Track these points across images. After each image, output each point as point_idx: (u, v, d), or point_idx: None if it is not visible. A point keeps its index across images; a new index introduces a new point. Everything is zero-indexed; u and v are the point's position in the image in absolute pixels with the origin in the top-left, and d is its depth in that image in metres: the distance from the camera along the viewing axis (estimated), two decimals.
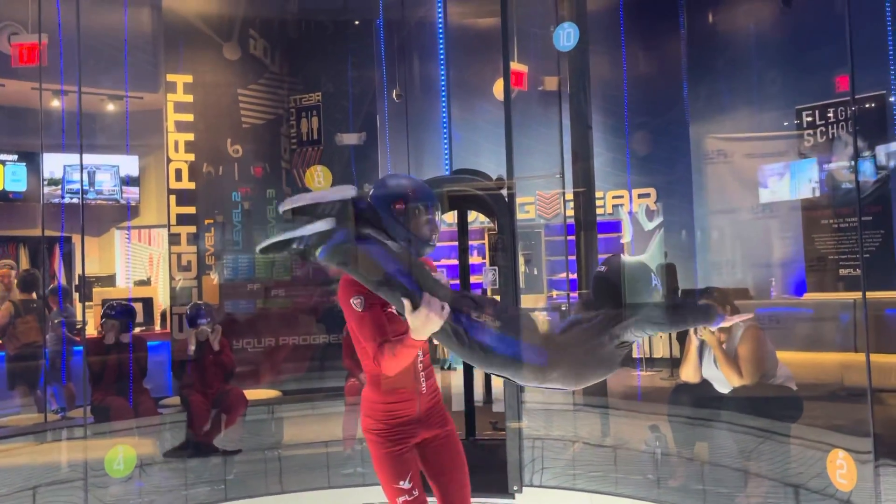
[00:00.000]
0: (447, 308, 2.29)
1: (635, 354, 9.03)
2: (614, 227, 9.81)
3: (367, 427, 2.61)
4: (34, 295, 6.78)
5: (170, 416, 5.37)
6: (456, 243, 6.23)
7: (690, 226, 9.14)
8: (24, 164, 8.93)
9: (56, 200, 8.76)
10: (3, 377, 6.21)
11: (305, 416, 5.62)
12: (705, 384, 4.33)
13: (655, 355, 8.93)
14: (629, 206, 9.57)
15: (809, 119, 8.08)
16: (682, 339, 5.50)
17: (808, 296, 7.78)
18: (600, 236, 7.14)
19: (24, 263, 9.00)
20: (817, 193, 8.00)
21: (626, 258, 2.68)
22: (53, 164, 8.82)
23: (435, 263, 2.91)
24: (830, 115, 7.91)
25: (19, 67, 6.39)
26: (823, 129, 7.97)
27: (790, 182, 8.26)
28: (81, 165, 5.39)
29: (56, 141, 8.10)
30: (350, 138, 8.45)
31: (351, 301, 2.46)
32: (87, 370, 5.26)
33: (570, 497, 4.50)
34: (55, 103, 7.57)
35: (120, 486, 4.16)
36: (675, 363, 7.85)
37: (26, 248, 9.18)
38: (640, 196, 9.65)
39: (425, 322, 2.26)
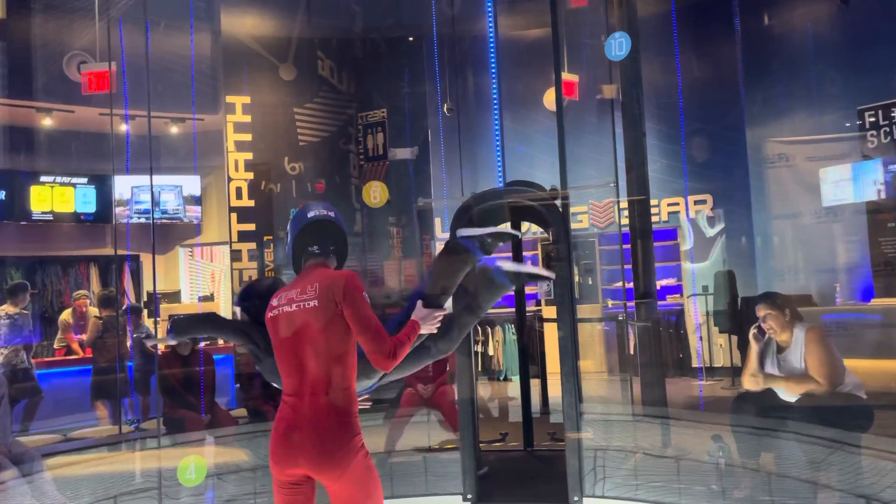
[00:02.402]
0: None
1: (695, 364, 8.88)
2: (670, 234, 9.68)
3: (363, 444, 2.51)
4: (113, 312, 7.15)
5: (240, 427, 5.53)
6: (510, 254, 6.25)
7: (749, 232, 8.96)
8: (94, 186, 9.33)
9: (123, 221, 9.12)
10: (87, 390, 6.54)
11: (370, 427, 5.69)
12: (769, 392, 4.25)
13: (716, 364, 8.76)
14: (686, 213, 9.44)
15: (872, 119, 7.86)
16: (744, 346, 5.40)
17: (876, 301, 7.53)
18: (656, 244, 7.07)
19: (95, 281, 9.39)
20: (883, 196, 7.77)
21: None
22: (121, 185, 9.19)
23: None
24: (894, 114, 7.68)
25: (79, 93, 6.72)
26: (887, 129, 7.74)
27: (854, 184, 8.04)
28: (152, 186, 5.63)
29: (122, 164, 8.47)
30: (403, 153, 8.59)
31: (364, 293, 2.53)
32: (158, 383, 5.47)
33: None
34: (122, 127, 7.90)
35: (192, 495, 4.31)
36: (736, 371, 7.70)
37: (97, 266, 9.58)
38: (696, 203, 9.51)
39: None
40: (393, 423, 5.33)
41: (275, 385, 2.95)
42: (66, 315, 7.72)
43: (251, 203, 8.35)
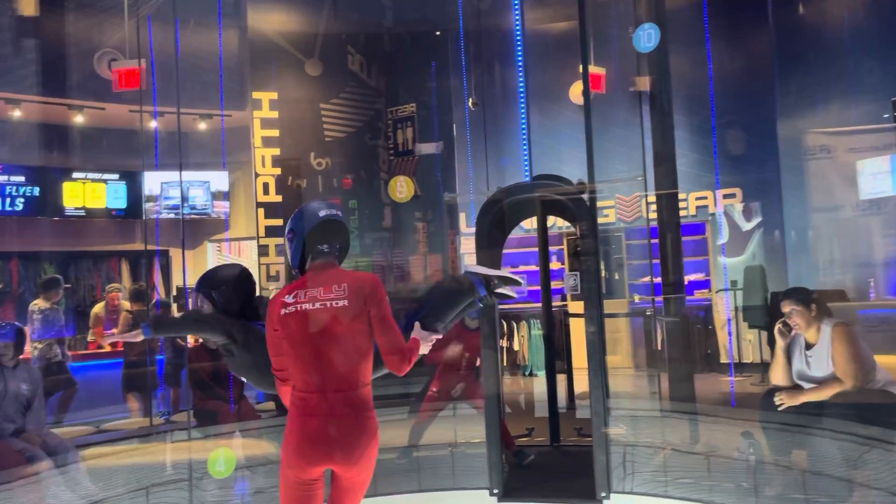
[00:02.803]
0: None
1: (724, 359, 8.78)
2: (698, 228, 9.57)
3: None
4: (144, 306, 7.26)
5: (266, 420, 5.58)
6: (536, 249, 6.23)
7: (781, 225, 8.82)
8: (124, 182, 9.46)
9: (153, 216, 9.24)
10: (119, 382, 6.65)
11: (395, 421, 5.71)
12: (798, 388, 4.18)
13: (745, 360, 8.66)
14: (717, 207, 9.31)
15: None
16: (774, 342, 5.33)
17: None
18: (684, 238, 6.99)
19: (126, 276, 9.53)
20: None
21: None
22: (151, 181, 9.32)
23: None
24: None
25: (110, 90, 6.80)
26: None
27: (892, 177, 7.86)
28: (181, 182, 5.70)
29: (152, 160, 8.57)
30: (428, 147, 8.59)
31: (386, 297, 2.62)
32: (188, 376, 5.53)
33: None
34: (151, 124, 7.99)
35: (221, 487, 4.37)
36: (766, 367, 7.59)
37: (128, 261, 9.73)
38: (725, 196, 9.40)
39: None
40: (418, 419, 5.34)
41: (242, 379, 2.96)
42: (98, 308, 7.85)
43: (278, 198, 8.41)
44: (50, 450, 4.56)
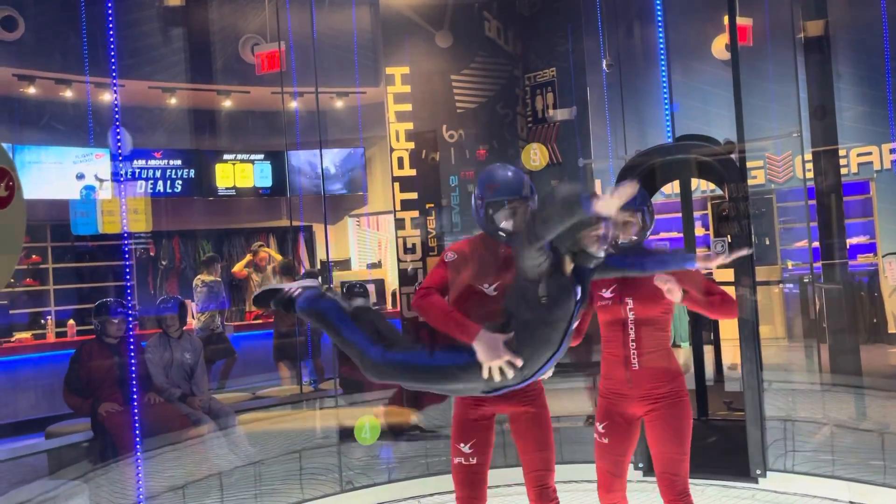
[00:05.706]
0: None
1: (893, 329, 8.05)
2: (861, 187, 8.78)
3: None
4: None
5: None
6: (678, 215, 5.94)
7: None
8: (269, 162, 9.94)
9: (297, 193, 9.67)
10: (270, 352, 7.05)
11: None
12: None
13: None
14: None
15: None
16: None
17: None
18: (845, 198, 6.42)
19: (273, 251, 10.06)
20: None
21: None
22: (293, 159, 9.74)
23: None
24: None
25: (253, 74, 7.09)
26: None
27: None
28: (321, 159, 5.88)
29: (293, 139, 8.94)
30: (562, 113, 8.37)
31: (446, 252, 2.63)
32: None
33: (823, 484, 4.12)
34: (291, 105, 8.30)
35: (368, 454, 4.53)
36: None
37: (274, 237, 10.26)
38: (892, 151, 8.54)
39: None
40: None
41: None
42: (238, 267, 8.34)
43: (413, 172, 8.50)
44: (212, 414, 4.91)
